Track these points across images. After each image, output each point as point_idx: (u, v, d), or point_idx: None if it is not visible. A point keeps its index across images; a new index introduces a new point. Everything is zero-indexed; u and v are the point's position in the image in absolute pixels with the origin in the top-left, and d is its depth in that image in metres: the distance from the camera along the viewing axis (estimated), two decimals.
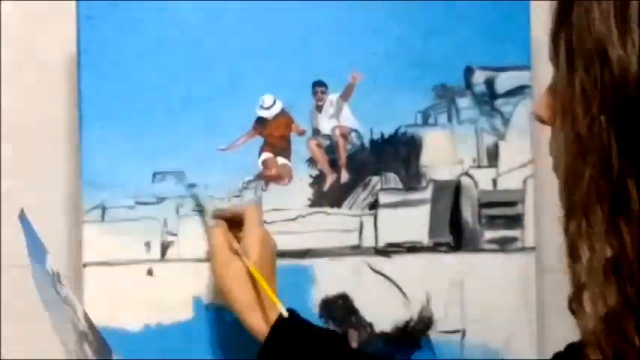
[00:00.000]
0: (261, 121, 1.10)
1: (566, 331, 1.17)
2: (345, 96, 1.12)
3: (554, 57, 0.74)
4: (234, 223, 1.04)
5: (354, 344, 1.12)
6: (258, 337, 0.98)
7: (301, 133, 1.12)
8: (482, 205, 1.15)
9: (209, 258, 1.05)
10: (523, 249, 1.15)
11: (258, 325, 0.99)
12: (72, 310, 0.88)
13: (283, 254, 1.10)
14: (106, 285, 1.07)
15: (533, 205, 1.15)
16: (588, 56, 0.69)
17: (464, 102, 1.15)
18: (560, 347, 1.04)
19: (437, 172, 1.15)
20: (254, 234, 1.01)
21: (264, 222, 1.08)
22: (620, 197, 0.69)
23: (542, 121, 0.79)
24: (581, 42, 0.70)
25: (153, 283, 1.08)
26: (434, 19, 1.13)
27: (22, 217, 0.94)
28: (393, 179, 1.14)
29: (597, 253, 0.71)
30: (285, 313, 0.97)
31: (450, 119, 1.15)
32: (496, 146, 1.16)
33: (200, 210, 1.08)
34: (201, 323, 1.08)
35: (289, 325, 0.98)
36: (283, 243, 1.10)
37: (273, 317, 0.98)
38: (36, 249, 0.91)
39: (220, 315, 1.08)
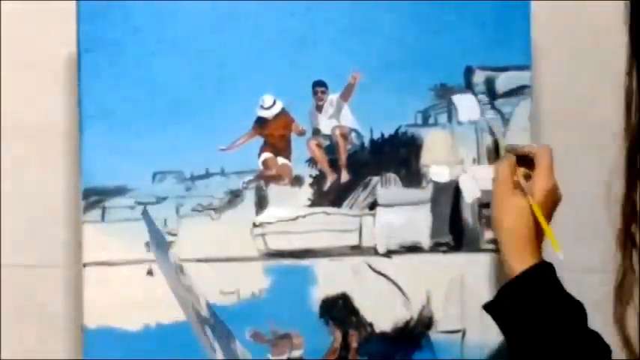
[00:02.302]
0: (261, 121, 1.11)
1: None
2: (345, 96, 1.12)
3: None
4: (526, 162, 1.06)
5: (354, 344, 1.12)
6: (511, 271, 0.99)
7: (301, 133, 1.12)
8: (483, 205, 1.15)
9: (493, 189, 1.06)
10: None
11: (519, 260, 0.99)
12: (195, 296, 0.99)
13: (283, 254, 1.10)
14: (106, 285, 1.07)
15: None
16: None
17: (464, 102, 1.15)
18: None
19: (437, 172, 1.14)
20: (543, 178, 1.03)
21: (268, 223, 1.08)
22: None
23: None
24: None
25: (153, 283, 1.08)
26: (434, 19, 1.13)
27: (145, 213, 1.03)
28: (393, 179, 1.14)
29: None
30: (562, 257, 0.98)
31: (450, 119, 1.15)
32: (496, 146, 1.16)
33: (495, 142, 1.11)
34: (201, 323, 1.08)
35: (549, 272, 0.99)
36: (283, 243, 1.10)
37: (532, 260, 0.99)
38: (159, 241, 1.01)
39: (220, 315, 1.08)
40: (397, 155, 1.14)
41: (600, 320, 0.91)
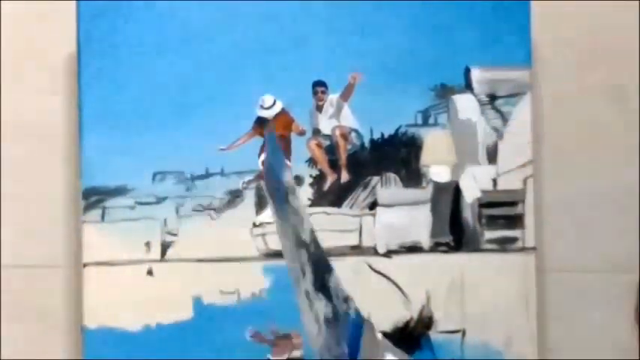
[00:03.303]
0: (261, 121, 1.10)
1: (565, 331, 1.17)
2: (345, 96, 1.12)
3: None
4: None
5: None
6: None
7: (301, 133, 1.12)
8: (482, 205, 1.15)
9: None
10: (523, 249, 1.15)
11: None
12: (299, 220, 1.00)
13: (283, 254, 1.10)
14: (106, 285, 1.07)
15: (533, 205, 1.15)
16: None
17: (464, 102, 1.15)
18: (560, 347, 1.04)
19: (437, 172, 1.14)
20: None
21: (268, 223, 1.08)
22: None
23: None
24: None
25: (153, 283, 1.08)
26: (434, 19, 1.13)
27: (270, 135, 1.05)
28: (393, 179, 1.14)
29: None
30: None
31: (449, 119, 1.15)
32: (496, 146, 1.16)
33: None
34: (201, 323, 1.08)
35: None
36: None
37: None
38: (276, 163, 1.03)
39: (220, 315, 1.08)
40: (397, 155, 1.14)
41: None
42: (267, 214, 1.10)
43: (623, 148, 1.17)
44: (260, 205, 1.11)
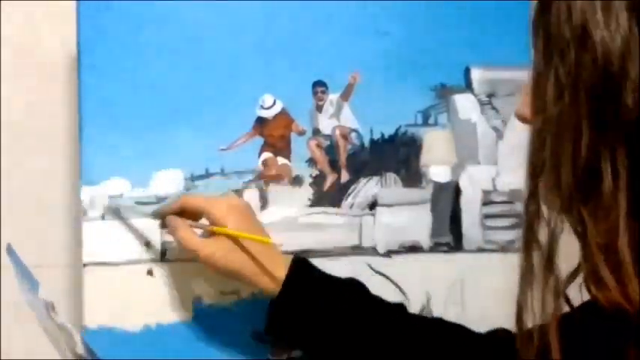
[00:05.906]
0: (261, 121, 1.11)
1: None
2: (345, 96, 1.12)
3: (534, 52, 0.75)
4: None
5: None
6: (275, 293, 1.00)
7: (301, 133, 1.12)
8: (482, 205, 1.15)
9: (188, 256, 1.03)
10: None
11: (271, 284, 1.00)
12: (68, 335, 0.89)
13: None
14: (106, 285, 1.06)
15: None
16: (565, 44, 0.70)
17: (464, 102, 1.15)
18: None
19: (437, 172, 1.15)
20: (210, 206, 1.00)
21: (268, 222, 1.08)
22: (588, 186, 0.70)
23: (526, 121, 0.79)
24: (558, 30, 0.70)
25: (153, 283, 1.08)
26: (434, 19, 1.13)
27: (10, 251, 0.94)
28: (393, 179, 1.14)
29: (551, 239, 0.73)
30: (272, 241, 0.99)
31: (449, 119, 1.15)
32: (496, 146, 1.16)
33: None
34: (201, 323, 1.08)
35: (304, 269, 1.01)
36: (283, 243, 1.10)
37: (282, 272, 1.00)
38: (27, 280, 0.92)
39: (220, 315, 1.08)
40: (397, 155, 1.14)
41: None
42: (268, 214, 1.10)
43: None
44: (260, 205, 1.10)
